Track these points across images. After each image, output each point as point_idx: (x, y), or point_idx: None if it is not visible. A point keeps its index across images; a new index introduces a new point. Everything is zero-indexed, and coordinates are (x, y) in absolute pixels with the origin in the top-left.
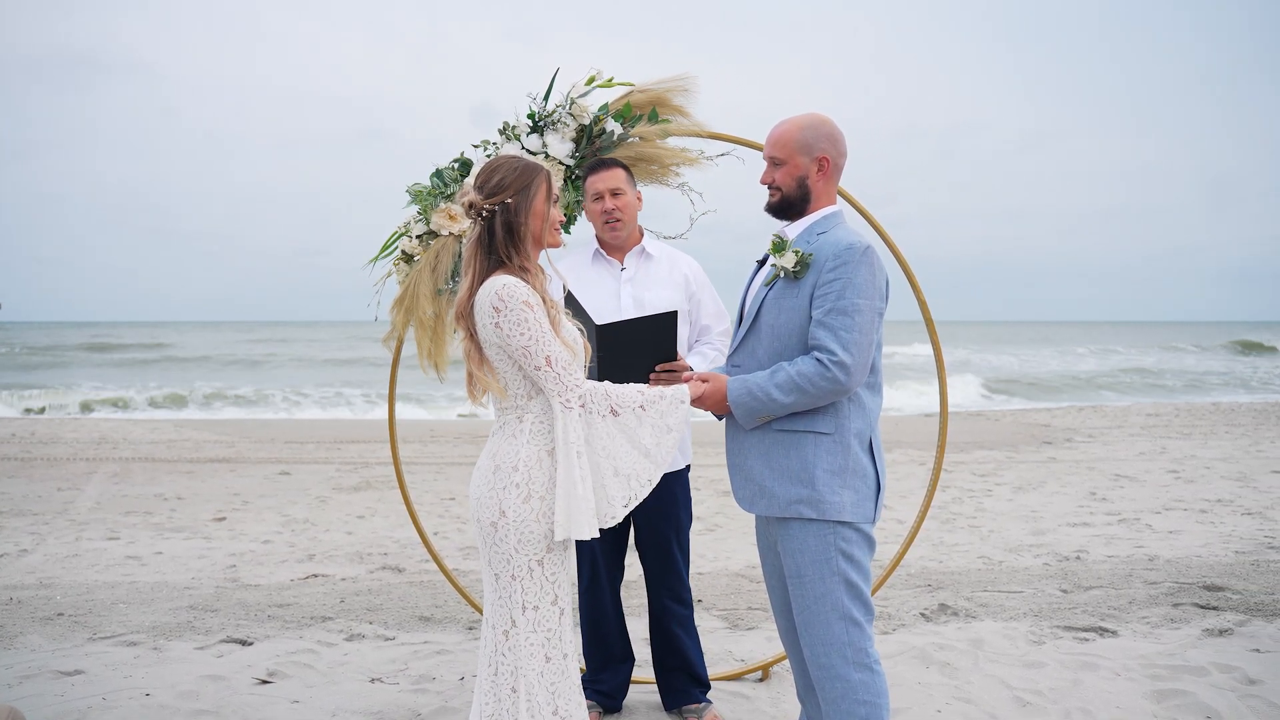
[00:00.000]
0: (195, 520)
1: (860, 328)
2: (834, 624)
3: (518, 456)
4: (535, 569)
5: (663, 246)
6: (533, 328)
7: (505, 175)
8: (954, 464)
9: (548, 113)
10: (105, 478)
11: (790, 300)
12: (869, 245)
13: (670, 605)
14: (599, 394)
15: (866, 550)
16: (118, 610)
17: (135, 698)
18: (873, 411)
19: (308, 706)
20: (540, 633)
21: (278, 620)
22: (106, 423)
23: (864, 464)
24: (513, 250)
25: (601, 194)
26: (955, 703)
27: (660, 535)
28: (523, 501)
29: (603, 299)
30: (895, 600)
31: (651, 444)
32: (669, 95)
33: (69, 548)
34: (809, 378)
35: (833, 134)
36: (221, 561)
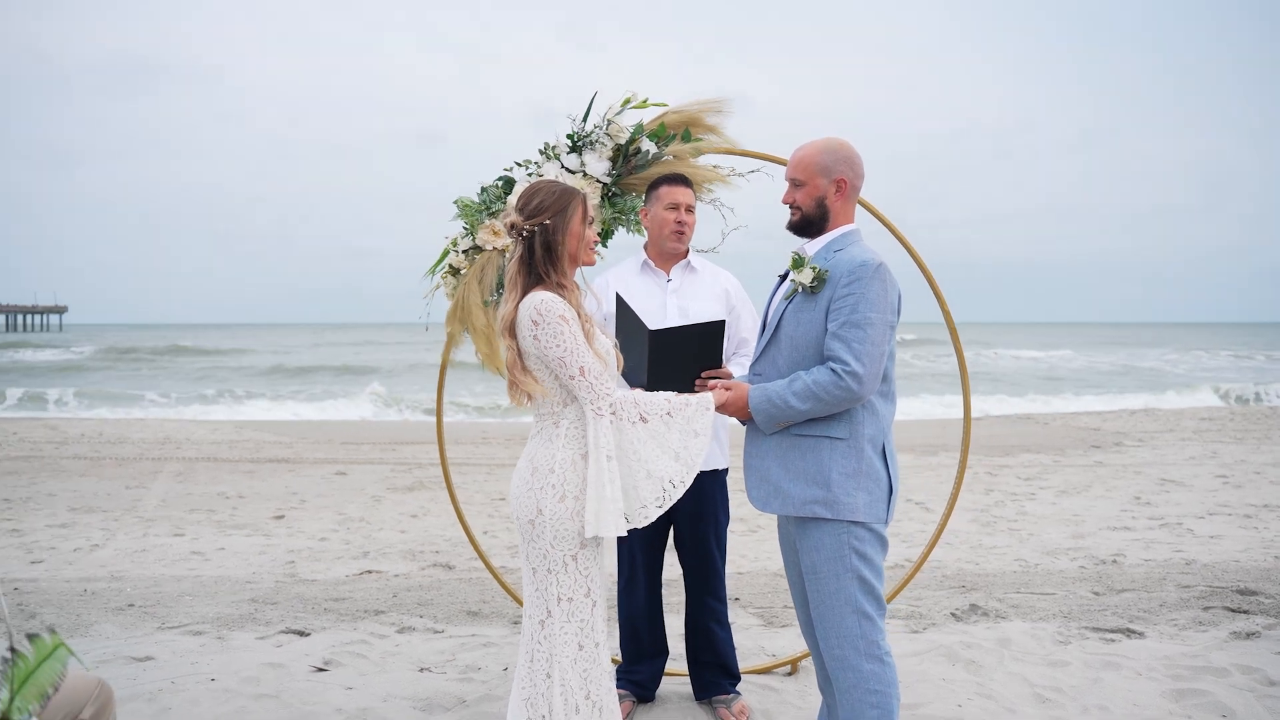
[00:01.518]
0: (256, 518)
1: (872, 340)
2: (847, 617)
3: (554, 459)
4: (570, 564)
5: (705, 261)
6: (567, 340)
7: (544, 198)
8: (999, 468)
9: (586, 133)
10: (170, 476)
11: (808, 313)
12: (881, 262)
13: (707, 601)
14: (628, 402)
15: (879, 549)
16: (184, 602)
17: (201, 682)
18: (885, 418)
19: (360, 692)
20: (574, 623)
21: (333, 613)
22: (170, 423)
23: (877, 467)
24: (551, 268)
25: (679, 205)
26: (976, 698)
27: (699, 535)
28: (558, 501)
29: (649, 308)
30: (928, 600)
31: (680, 447)
32: (702, 115)
33: (137, 543)
34: (824, 386)
35: (850, 157)
36: (280, 557)
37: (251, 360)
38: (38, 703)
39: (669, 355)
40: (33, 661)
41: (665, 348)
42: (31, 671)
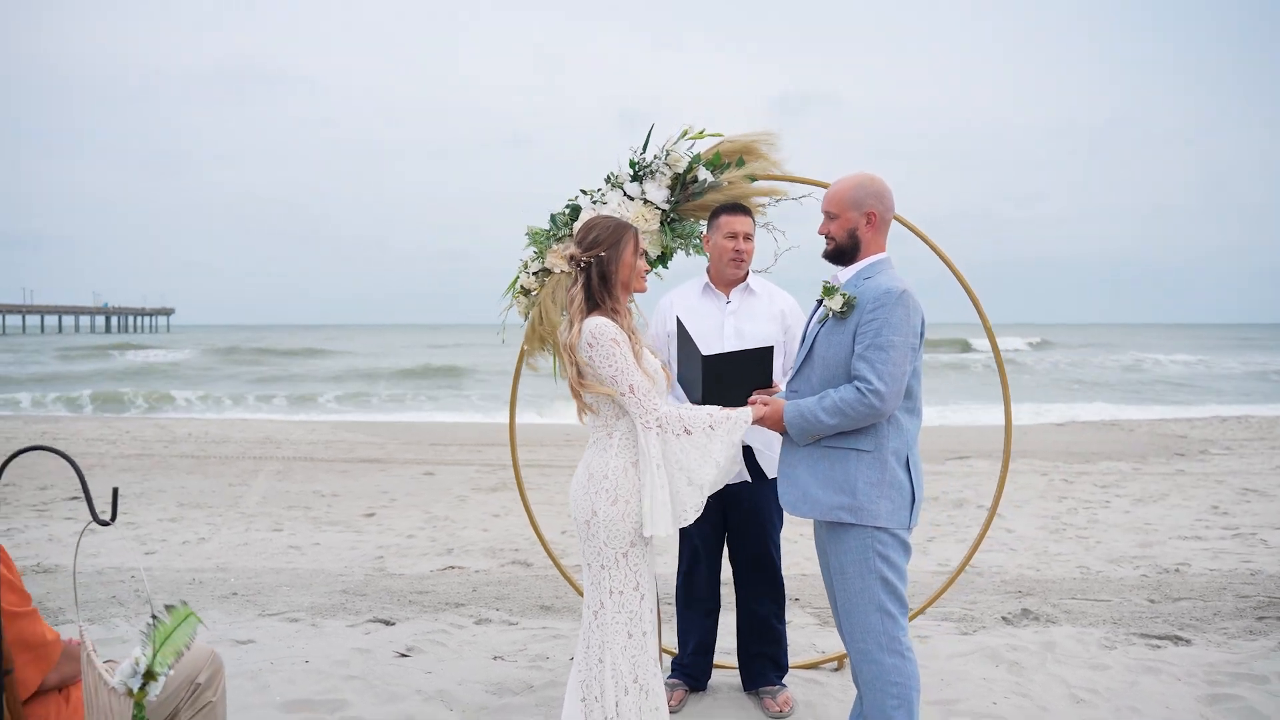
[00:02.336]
0: (348, 515)
1: (894, 361)
2: (871, 615)
3: (607, 466)
4: (621, 560)
5: (764, 283)
6: (619, 361)
7: (600, 233)
8: (1077, 475)
9: (646, 162)
10: (270, 475)
11: (838, 336)
12: (905, 290)
13: (761, 598)
14: (674, 416)
15: (901, 552)
16: (281, 592)
17: (296, 663)
18: (910, 432)
19: (438, 676)
20: (624, 613)
21: (417, 605)
22: (270, 424)
23: (900, 478)
24: (605, 295)
25: (737, 234)
26: (1013, 696)
27: (755, 537)
28: (611, 504)
29: (708, 328)
30: (982, 604)
31: (722, 457)
32: (756, 144)
33: (240, 537)
34: (849, 403)
35: (880, 192)
36: (370, 553)
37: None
38: (174, 659)
39: (722, 376)
40: (170, 626)
41: (718, 370)
42: (169, 634)
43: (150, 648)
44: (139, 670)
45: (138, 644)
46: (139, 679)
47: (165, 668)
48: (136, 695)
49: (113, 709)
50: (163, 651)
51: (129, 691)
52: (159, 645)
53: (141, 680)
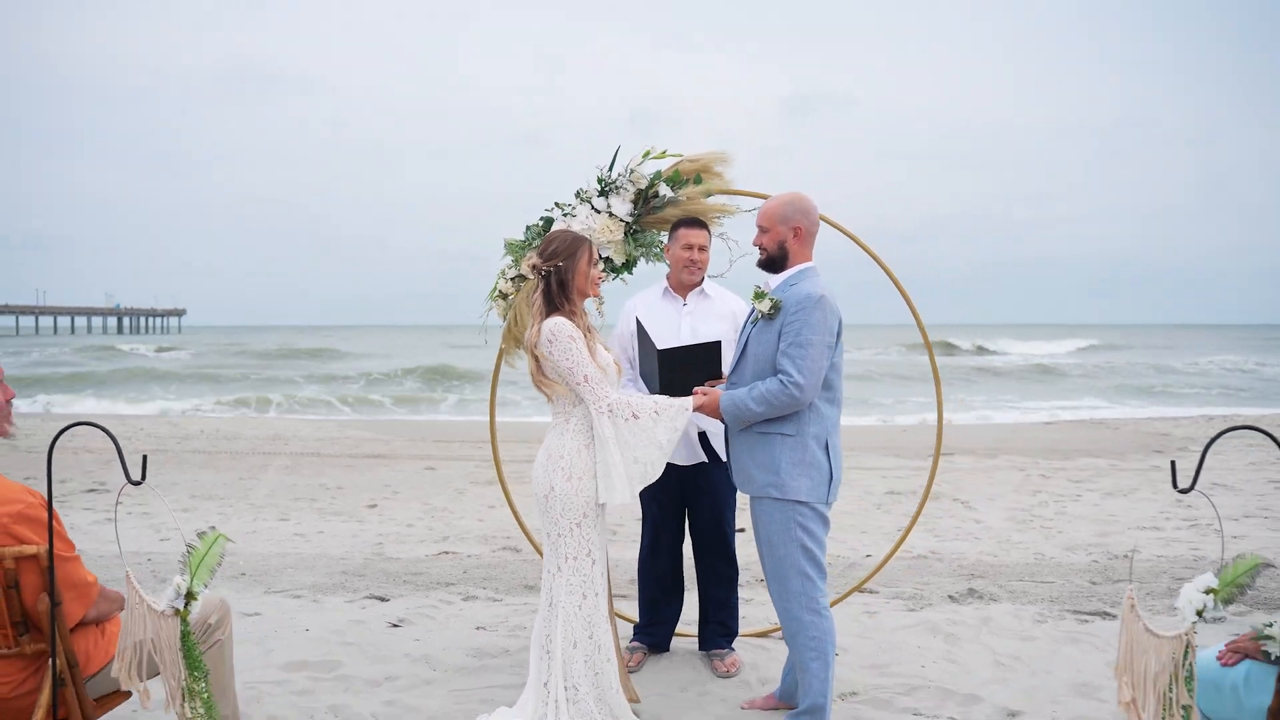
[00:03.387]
0: (352, 506)
1: (812, 357)
2: (792, 579)
3: (564, 447)
4: (575, 530)
5: (718, 288)
6: (575, 355)
7: (558, 245)
8: (1055, 470)
9: (612, 180)
10: (278, 469)
11: (766, 335)
12: (823, 296)
13: (718, 569)
14: (623, 403)
15: (820, 524)
16: (286, 573)
17: (298, 632)
18: (829, 419)
19: (424, 643)
20: (578, 576)
21: (411, 584)
22: (280, 421)
23: (819, 459)
24: (564, 299)
25: (692, 245)
26: (941, 662)
27: (710, 515)
28: (566, 480)
29: (667, 328)
30: (934, 585)
31: (664, 440)
32: (711, 164)
33: (249, 526)
34: (774, 393)
35: (806, 209)
36: (371, 540)
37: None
38: (209, 577)
39: (675, 368)
40: (202, 551)
41: (671, 362)
42: (203, 556)
43: (188, 573)
44: (181, 593)
45: (177, 572)
46: (182, 600)
47: (203, 586)
48: (182, 613)
49: (160, 630)
50: (199, 574)
51: (175, 611)
52: (195, 569)
53: (184, 600)
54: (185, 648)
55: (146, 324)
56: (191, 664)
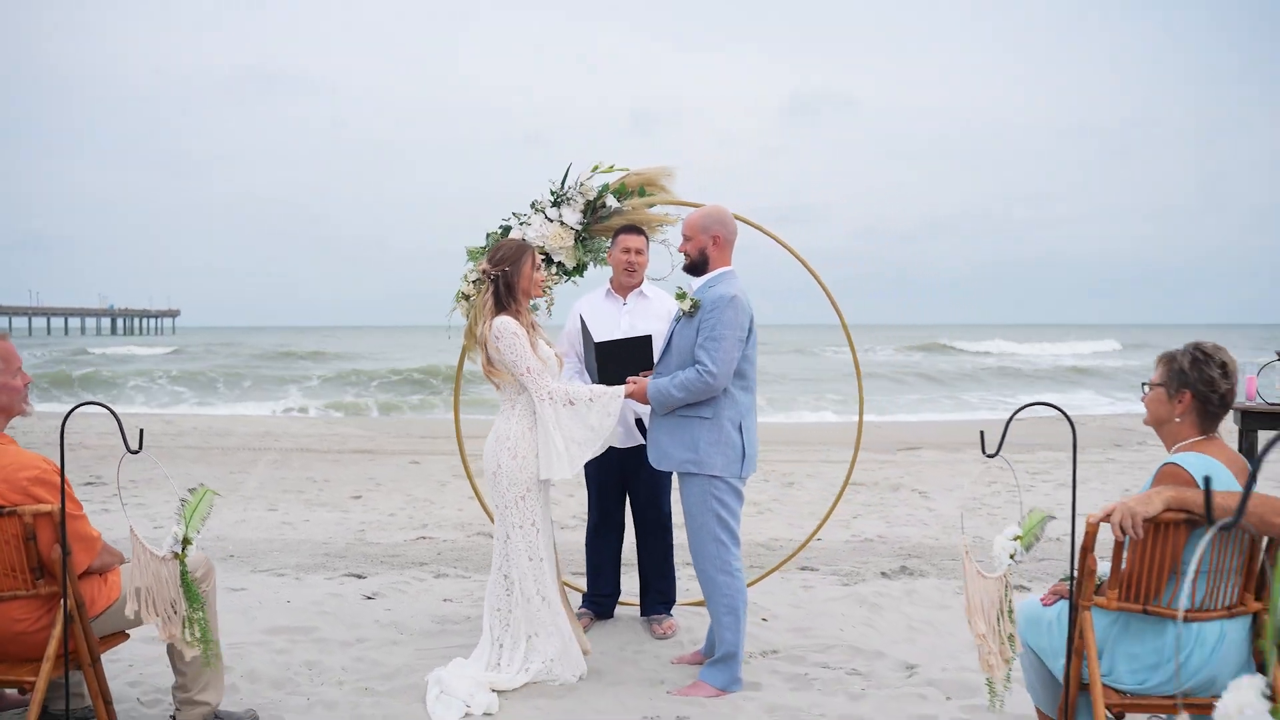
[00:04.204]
0: (337, 498)
1: (725, 350)
2: (708, 544)
3: (510, 430)
4: (520, 502)
5: (656, 290)
6: (518, 349)
7: (505, 252)
8: (1016, 463)
9: (564, 192)
10: (268, 464)
11: (688, 331)
12: (735, 296)
13: (658, 544)
14: (561, 391)
15: (734, 496)
16: (272, 555)
17: (280, 603)
18: (743, 404)
19: (394, 612)
20: (525, 543)
21: (387, 564)
22: (271, 419)
23: (734, 438)
24: (510, 299)
25: (630, 249)
26: (860, 627)
27: (648, 494)
28: (511, 458)
29: (608, 325)
30: (871, 563)
31: (597, 424)
32: (655, 177)
33: (238, 515)
34: (692, 381)
35: (724, 219)
36: (354, 527)
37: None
38: (201, 525)
39: (610, 359)
40: (194, 502)
41: (607, 354)
42: (195, 507)
43: (183, 523)
44: (178, 539)
45: (174, 521)
46: (179, 545)
47: (196, 532)
48: (180, 556)
49: (159, 574)
50: (192, 522)
51: (175, 555)
52: (189, 518)
53: (181, 545)
54: (184, 584)
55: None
56: (191, 597)
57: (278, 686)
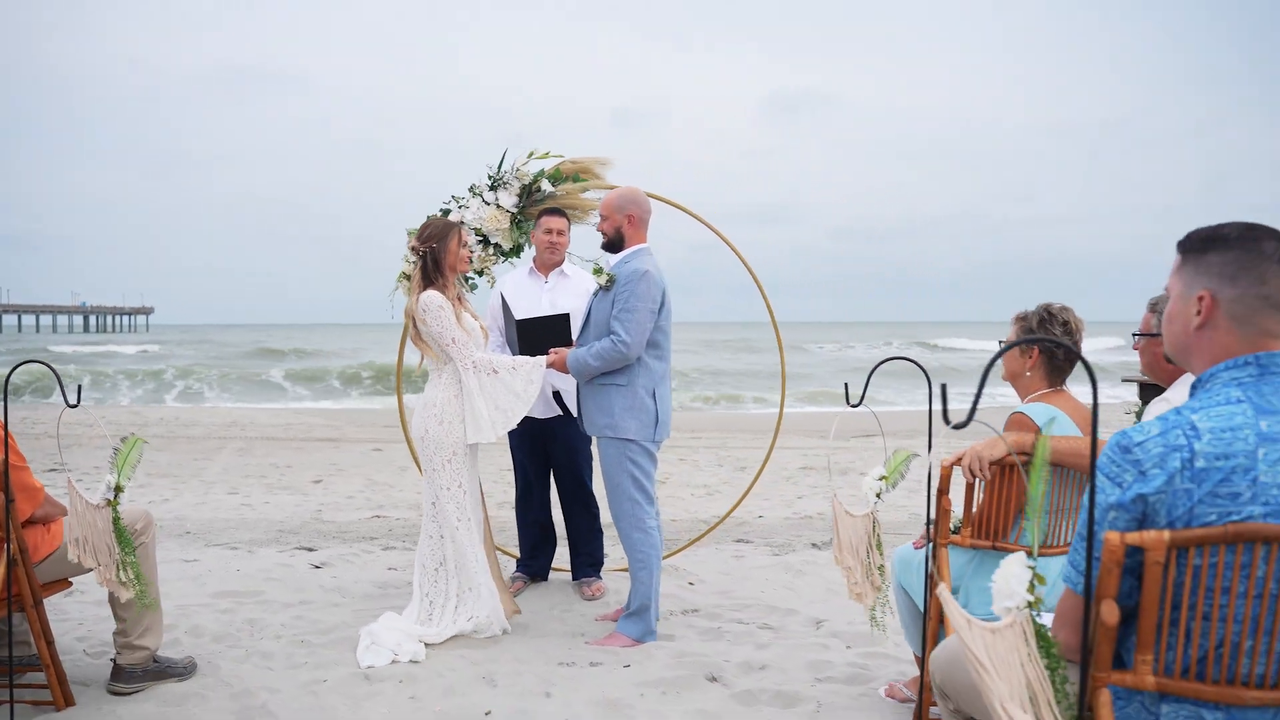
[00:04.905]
0: (298, 482)
1: (637, 321)
2: (624, 503)
3: (437, 397)
4: (446, 465)
5: (577, 269)
6: (444, 321)
7: (433, 230)
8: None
9: (500, 176)
10: (232, 451)
11: (604, 304)
12: (648, 271)
13: (582, 510)
14: (485, 361)
15: (647, 458)
16: (228, 531)
17: (230, 572)
18: (656, 372)
19: (339, 579)
20: (453, 504)
21: (339, 539)
22: (238, 410)
23: (647, 404)
24: (437, 274)
25: (551, 230)
26: (780, 589)
27: (568, 462)
28: (438, 424)
29: (530, 302)
30: (805, 536)
31: (520, 391)
32: (591, 165)
33: (199, 498)
34: (607, 350)
35: (637, 199)
36: (311, 508)
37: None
38: (132, 473)
39: (531, 335)
40: (125, 451)
41: (528, 331)
42: (126, 455)
43: (115, 471)
44: (111, 487)
45: (107, 470)
46: (112, 492)
47: (127, 480)
48: (112, 503)
49: (94, 521)
50: (123, 470)
51: (107, 502)
52: (120, 467)
53: (114, 493)
54: (117, 530)
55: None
56: (123, 543)
57: (218, 640)
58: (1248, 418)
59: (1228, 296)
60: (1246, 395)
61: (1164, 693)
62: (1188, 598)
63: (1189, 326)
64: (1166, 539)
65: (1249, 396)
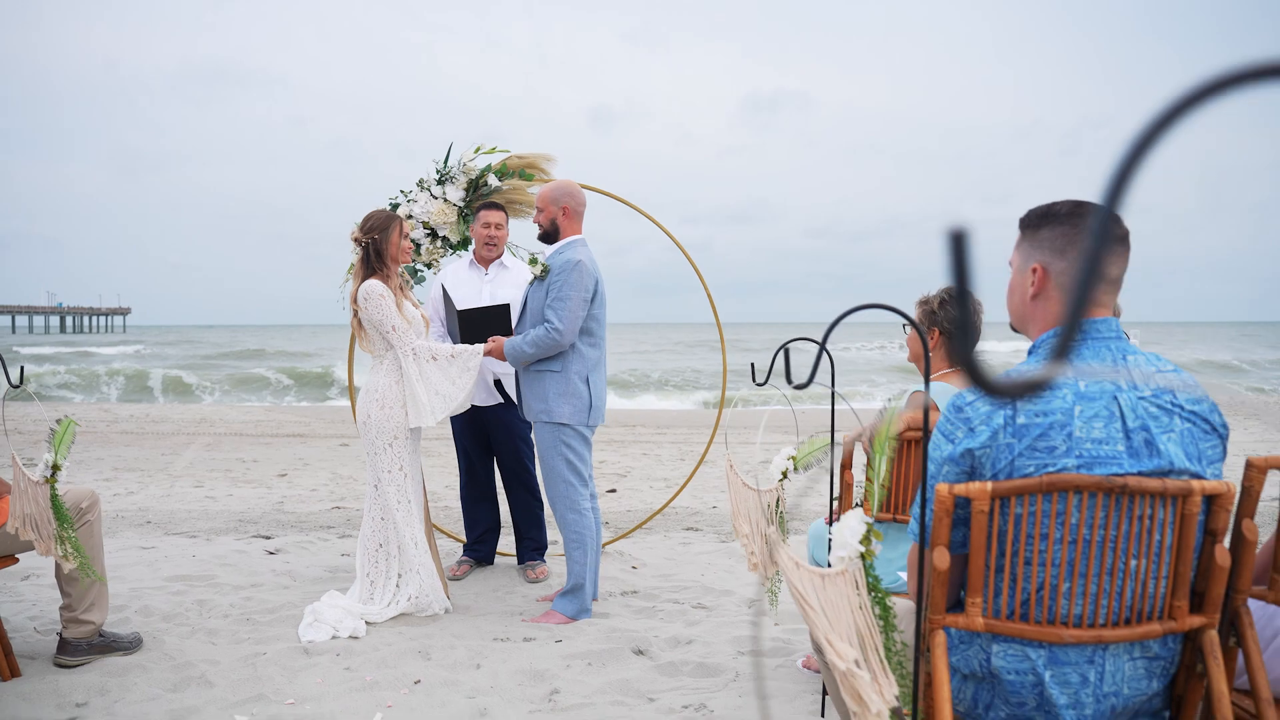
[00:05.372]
0: (263, 476)
1: (570, 309)
2: (559, 485)
3: (378, 383)
4: (387, 449)
5: (516, 261)
6: (385, 310)
7: (375, 221)
8: None
9: (447, 170)
10: (200, 447)
11: (539, 293)
12: (580, 261)
13: (524, 495)
14: (424, 348)
15: (581, 442)
16: (189, 521)
17: (185, 557)
18: (590, 359)
19: (291, 564)
20: (393, 487)
21: (296, 528)
22: (208, 407)
23: (580, 390)
24: (379, 264)
25: (489, 224)
26: (719, 573)
27: (508, 448)
28: (380, 409)
29: (470, 293)
30: None
31: (458, 377)
32: (537, 160)
33: (164, 490)
34: (541, 338)
35: (572, 192)
36: (274, 500)
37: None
38: (68, 453)
39: (473, 325)
40: (60, 432)
41: (469, 321)
42: (62, 436)
43: (53, 450)
44: (49, 465)
45: (45, 450)
46: (49, 470)
47: (65, 459)
48: (50, 480)
49: (36, 497)
50: (60, 450)
51: (45, 479)
52: (58, 446)
53: (51, 470)
54: (54, 506)
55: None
56: (60, 518)
57: (167, 619)
58: (1068, 379)
59: (1057, 269)
60: None
61: (994, 633)
62: (1011, 544)
63: (1026, 297)
64: (989, 489)
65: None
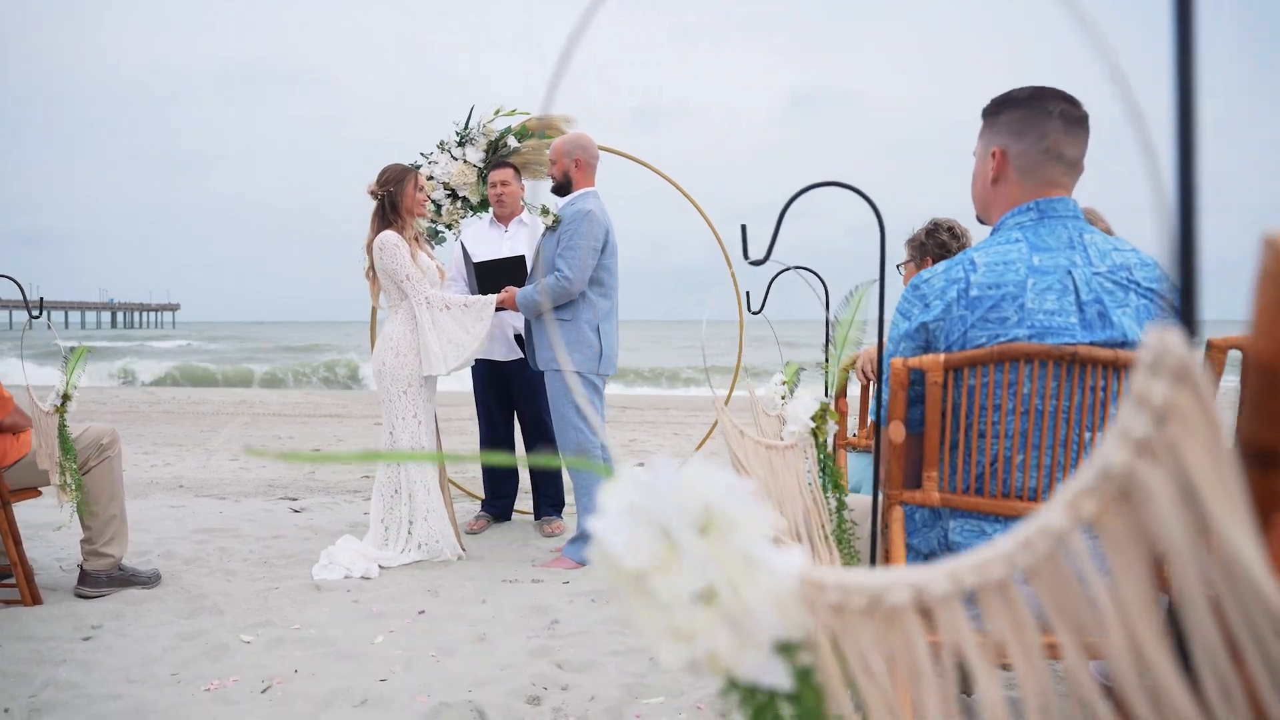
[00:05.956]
0: (298, 450)
1: (580, 258)
2: (569, 432)
3: (394, 331)
4: (402, 397)
5: (536, 220)
6: (400, 259)
7: (390, 175)
8: None
9: (467, 132)
10: (237, 426)
11: (551, 243)
12: (590, 211)
13: (542, 451)
14: (438, 297)
15: (592, 390)
16: (220, 486)
17: (212, 513)
18: (601, 309)
19: (315, 520)
20: (408, 434)
21: (322, 493)
22: (247, 390)
23: (590, 338)
24: (395, 216)
25: (495, 183)
26: None
27: (530, 403)
28: (394, 356)
29: (490, 248)
30: None
31: (472, 326)
32: (556, 121)
33: (199, 463)
34: (551, 286)
35: (585, 145)
36: (304, 470)
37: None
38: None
39: (488, 277)
40: (73, 361)
41: (485, 272)
42: (73, 366)
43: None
44: (59, 394)
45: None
46: (60, 399)
47: (74, 389)
48: (60, 409)
49: (49, 427)
50: (71, 381)
51: (55, 409)
52: (69, 376)
53: (61, 400)
54: (61, 436)
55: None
56: (65, 448)
57: (188, 562)
58: (1022, 254)
59: (1015, 151)
60: (1024, 236)
61: (951, 508)
62: (965, 416)
63: (987, 183)
64: (942, 360)
65: (1026, 237)
